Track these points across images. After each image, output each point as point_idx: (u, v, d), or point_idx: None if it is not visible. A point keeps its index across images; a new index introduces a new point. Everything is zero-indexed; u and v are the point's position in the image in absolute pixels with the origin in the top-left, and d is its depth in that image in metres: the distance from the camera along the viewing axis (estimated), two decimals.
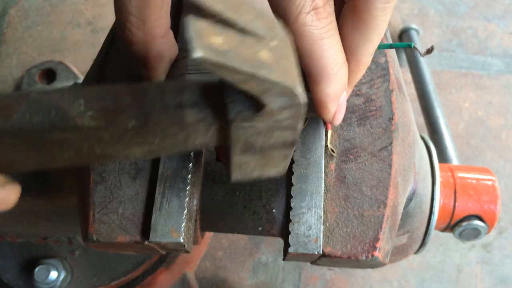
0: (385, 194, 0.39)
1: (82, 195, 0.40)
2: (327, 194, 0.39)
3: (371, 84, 0.42)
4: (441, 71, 0.96)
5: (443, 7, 1.01)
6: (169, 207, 0.38)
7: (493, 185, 0.57)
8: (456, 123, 0.92)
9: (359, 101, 0.41)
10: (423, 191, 0.50)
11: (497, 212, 0.56)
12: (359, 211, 0.38)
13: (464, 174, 0.58)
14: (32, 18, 1.01)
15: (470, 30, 0.99)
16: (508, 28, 0.99)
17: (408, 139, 0.43)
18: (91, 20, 1.00)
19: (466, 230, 0.57)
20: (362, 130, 0.40)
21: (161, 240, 0.37)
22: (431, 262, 0.84)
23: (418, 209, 0.51)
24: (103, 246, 0.39)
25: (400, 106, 0.42)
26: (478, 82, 0.95)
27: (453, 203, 0.56)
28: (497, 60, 0.97)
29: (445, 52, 0.98)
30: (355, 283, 0.82)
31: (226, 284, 0.83)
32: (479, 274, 0.83)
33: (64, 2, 1.02)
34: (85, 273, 0.68)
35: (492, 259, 0.84)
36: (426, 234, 0.55)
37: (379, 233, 0.38)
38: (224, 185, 0.44)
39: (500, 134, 0.91)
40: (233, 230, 0.46)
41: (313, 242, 0.37)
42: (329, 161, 0.40)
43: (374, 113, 0.41)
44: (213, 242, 0.84)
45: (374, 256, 0.37)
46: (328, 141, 0.40)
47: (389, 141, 0.40)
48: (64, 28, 1.00)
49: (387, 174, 0.39)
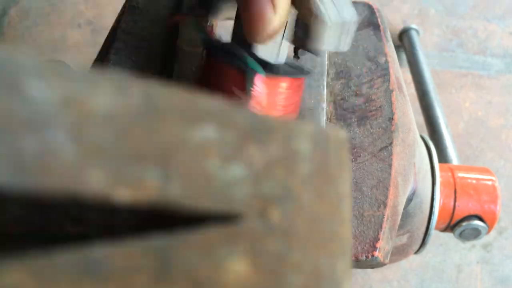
0: (385, 194, 0.39)
1: None
2: None
3: (371, 84, 0.42)
4: (441, 71, 0.96)
5: (443, 7, 1.01)
6: None
7: (493, 185, 0.57)
8: (456, 123, 0.92)
9: (359, 101, 0.41)
10: (423, 191, 0.50)
11: (497, 212, 0.56)
12: (359, 211, 0.38)
13: (464, 174, 0.58)
14: (32, 18, 1.01)
15: (470, 30, 0.99)
16: (508, 28, 0.99)
17: (408, 139, 0.43)
18: (91, 20, 1.00)
19: (466, 230, 0.57)
20: (362, 130, 0.40)
21: None
22: (431, 262, 0.84)
23: (418, 209, 0.51)
24: None
25: (400, 106, 0.42)
26: (478, 82, 0.95)
27: (453, 203, 0.56)
28: (497, 60, 0.97)
29: (445, 52, 0.98)
30: (355, 283, 0.82)
31: None
32: (479, 274, 0.83)
33: (64, 2, 1.02)
34: None
35: (492, 259, 0.84)
36: (426, 234, 0.55)
37: (379, 233, 0.38)
38: None
39: (500, 134, 0.91)
40: None
41: None
42: None
43: (374, 113, 0.41)
44: None
45: (374, 256, 0.37)
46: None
47: (389, 141, 0.40)
48: (64, 28, 1.00)
49: (387, 174, 0.39)
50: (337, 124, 0.41)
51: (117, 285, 0.10)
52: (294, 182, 0.13)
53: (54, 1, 1.02)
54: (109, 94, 0.11)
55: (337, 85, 0.42)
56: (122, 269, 0.11)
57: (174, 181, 0.12)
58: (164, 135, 0.12)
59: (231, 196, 0.12)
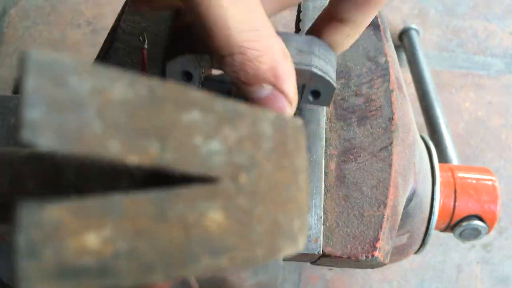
0: (385, 194, 0.39)
1: None
2: (327, 194, 0.39)
3: (371, 84, 0.42)
4: (441, 71, 0.96)
5: (443, 7, 1.01)
6: None
7: (493, 185, 0.57)
8: (456, 123, 0.92)
9: (359, 101, 0.41)
10: (423, 191, 0.50)
11: (497, 212, 0.56)
12: (359, 211, 0.38)
13: (464, 174, 0.58)
14: (32, 18, 1.01)
15: (470, 30, 0.99)
16: (508, 28, 0.99)
17: (408, 139, 0.43)
18: (91, 20, 1.00)
19: (466, 230, 0.57)
20: (362, 130, 0.40)
21: None
22: (431, 262, 0.84)
23: (418, 209, 0.51)
24: None
25: (400, 106, 0.42)
26: (478, 82, 0.95)
27: (453, 203, 0.56)
28: (497, 60, 0.97)
29: (445, 52, 0.98)
30: (355, 283, 0.82)
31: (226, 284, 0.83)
32: (479, 274, 0.83)
33: (64, 2, 1.02)
34: None
35: (492, 259, 0.84)
36: (426, 234, 0.55)
37: (379, 233, 0.38)
38: None
39: (500, 134, 0.91)
40: None
41: (313, 242, 0.37)
42: (329, 161, 0.40)
43: (374, 113, 0.41)
44: None
45: (374, 256, 0.37)
46: None
47: (389, 141, 0.40)
48: (64, 28, 1.00)
49: (387, 174, 0.39)
50: (337, 124, 0.41)
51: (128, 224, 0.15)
52: (259, 155, 0.18)
53: (54, 1, 1.02)
54: (124, 86, 0.15)
55: (337, 85, 0.42)
56: (132, 213, 0.15)
57: (168, 151, 0.16)
58: (162, 117, 0.16)
59: (211, 164, 0.16)
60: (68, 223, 0.14)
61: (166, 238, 0.15)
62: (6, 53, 0.98)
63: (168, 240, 0.15)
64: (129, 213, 0.15)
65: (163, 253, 0.15)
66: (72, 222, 0.14)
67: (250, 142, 0.18)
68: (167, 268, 0.15)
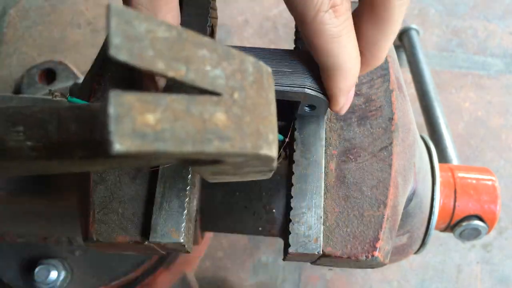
0: (385, 194, 0.39)
1: (82, 195, 0.40)
2: (327, 194, 0.39)
3: (371, 84, 0.42)
4: (441, 71, 0.96)
5: (443, 7, 1.01)
6: (169, 207, 0.38)
7: (493, 185, 0.57)
8: (456, 123, 0.92)
9: (359, 101, 0.41)
10: (423, 191, 0.50)
11: (497, 212, 0.56)
12: (359, 211, 0.38)
13: (464, 174, 0.58)
14: (32, 18, 1.01)
15: (470, 30, 0.99)
16: (508, 28, 0.99)
17: (408, 139, 0.42)
18: (91, 20, 1.00)
19: (466, 230, 0.57)
20: (362, 130, 0.40)
21: (161, 241, 0.37)
22: (431, 262, 0.84)
23: (418, 209, 0.51)
24: (103, 246, 0.39)
25: (400, 106, 0.42)
26: (478, 82, 0.95)
27: (453, 203, 0.56)
28: (497, 60, 0.97)
29: (445, 52, 0.98)
30: (355, 283, 0.82)
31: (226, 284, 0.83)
32: (479, 274, 0.83)
33: (64, 2, 1.02)
34: (85, 273, 0.68)
35: (492, 259, 0.84)
36: (426, 234, 0.55)
37: (379, 233, 0.38)
38: (224, 186, 0.44)
39: (500, 134, 0.91)
40: (233, 230, 0.46)
41: (313, 242, 0.37)
42: (329, 161, 0.40)
43: (374, 113, 0.41)
44: (213, 242, 0.84)
45: (374, 256, 0.37)
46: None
47: (389, 141, 0.40)
48: (64, 28, 1.00)
49: (387, 174, 0.39)
50: (337, 124, 0.41)
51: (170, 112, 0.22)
52: (245, 83, 0.26)
53: (54, 1, 1.02)
54: (164, 29, 0.24)
55: None
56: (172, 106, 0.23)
57: (191, 72, 0.24)
58: (186, 51, 0.24)
59: (216, 84, 0.25)
60: (137, 106, 0.22)
61: (191, 124, 0.23)
62: (6, 53, 0.98)
63: (193, 126, 0.23)
64: (170, 106, 0.23)
65: (190, 134, 0.22)
66: (139, 106, 0.22)
67: (240, 74, 0.26)
68: (193, 143, 0.22)
